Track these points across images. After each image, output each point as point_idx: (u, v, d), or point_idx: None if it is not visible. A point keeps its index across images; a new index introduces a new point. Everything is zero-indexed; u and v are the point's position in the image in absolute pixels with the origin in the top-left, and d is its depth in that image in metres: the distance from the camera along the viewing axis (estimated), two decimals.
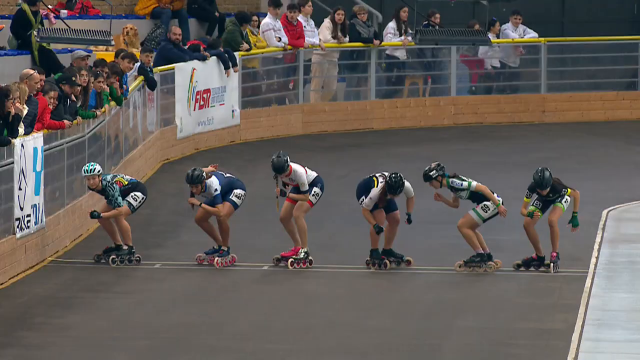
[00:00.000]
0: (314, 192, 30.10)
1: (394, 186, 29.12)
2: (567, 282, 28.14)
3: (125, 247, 29.95)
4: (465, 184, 29.27)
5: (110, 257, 29.78)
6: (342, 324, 25.01)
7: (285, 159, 29.43)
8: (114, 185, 29.52)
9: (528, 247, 29.45)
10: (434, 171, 29.37)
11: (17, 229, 28.99)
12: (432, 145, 43.13)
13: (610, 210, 35.18)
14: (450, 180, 29.35)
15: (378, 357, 22.60)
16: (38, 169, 29.76)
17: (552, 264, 29.26)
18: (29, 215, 29.38)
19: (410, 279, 29.46)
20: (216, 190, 29.65)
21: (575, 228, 29.47)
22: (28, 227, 29.24)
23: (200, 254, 30.12)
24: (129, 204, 29.77)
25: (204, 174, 29.49)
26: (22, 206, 29.13)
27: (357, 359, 22.61)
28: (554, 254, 29.38)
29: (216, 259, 29.77)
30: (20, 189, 28.87)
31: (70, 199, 31.90)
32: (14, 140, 28.29)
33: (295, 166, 29.76)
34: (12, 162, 28.49)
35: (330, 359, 22.72)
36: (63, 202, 31.45)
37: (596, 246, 31.54)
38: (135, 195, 29.87)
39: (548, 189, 28.99)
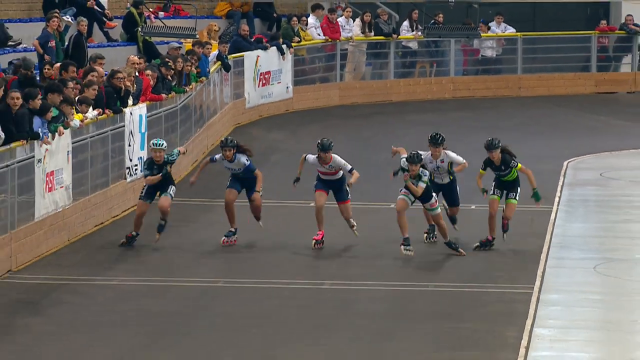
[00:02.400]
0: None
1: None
2: (537, 215, 27.99)
3: None
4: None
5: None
6: None
7: (331, 142, 25.09)
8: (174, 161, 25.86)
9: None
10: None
11: (127, 175, 29.30)
12: (437, 113, 43.42)
13: (569, 161, 35.02)
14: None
15: None
16: (142, 130, 30.27)
17: (503, 232, 25.41)
18: (135, 165, 29.64)
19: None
20: (247, 160, 25.47)
21: (538, 202, 25.94)
22: (135, 173, 29.53)
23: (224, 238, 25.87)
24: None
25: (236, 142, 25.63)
26: (131, 158, 29.44)
27: None
28: (505, 222, 25.43)
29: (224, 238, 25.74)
30: (129, 145, 29.42)
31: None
32: (125, 109, 28.92)
33: (334, 155, 25.15)
34: (124, 126, 29.11)
35: None
36: None
37: (559, 189, 31.41)
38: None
39: (497, 151, 24.74)
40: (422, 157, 24.48)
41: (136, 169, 29.53)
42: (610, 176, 33.78)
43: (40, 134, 24.12)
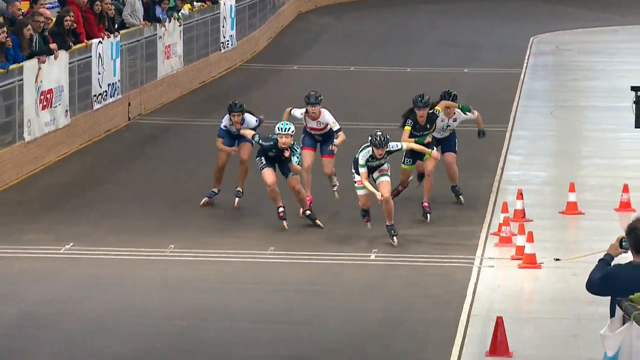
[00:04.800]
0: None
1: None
2: (511, 76, 27.91)
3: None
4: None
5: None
6: None
7: (319, 95, 15.99)
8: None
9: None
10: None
11: (222, 48, 28.97)
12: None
13: (534, 38, 34.63)
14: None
15: None
16: (232, 15, 29.46)
17: (427, 214, 15.48)
18: (228, 40, 29.27)
19: None
20: (257, 120, 16.28)
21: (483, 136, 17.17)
22: (228, 47, 29.18)
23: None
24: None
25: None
26: (224, 36, 28.92)
27: None
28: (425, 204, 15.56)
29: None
30: (223, 27, 28.49)
31: None
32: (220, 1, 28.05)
33: (323, 110, 15.99)
34: (219, 13, 28.18)
35: None
36: None
37: (526, 57, 31.12)
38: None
39: (426, 110, 15.51)
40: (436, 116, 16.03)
41: (229, 43, 29.22)
42: (563, 48, 33.36)
43: (161, 18, 24.01)
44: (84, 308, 12.25)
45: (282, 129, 14.90)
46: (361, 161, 14.44)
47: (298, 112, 16.07)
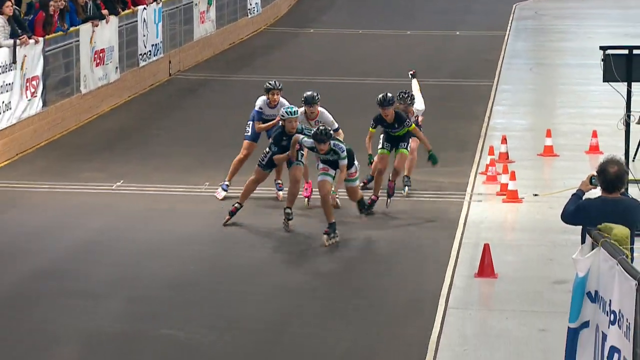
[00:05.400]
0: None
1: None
2: (494, 38, 27.64)
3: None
4: None
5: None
6: None
7: (316, 94, 13.02)
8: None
9: None
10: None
11: (249, 13, 28.73)
12: None
13: (516, 5, 34.20)
14: None
15: None
16: None
17: (388, 198, 13.11)
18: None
19: None
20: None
21: (436, 164, 13.22)
22: (256, 12, 28.85)
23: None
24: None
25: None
26: None
27: None
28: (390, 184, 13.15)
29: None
30: None
31: None
32: None
33: (321, 109, 13.08)
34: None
35: None
36: None
37: (510, 21, 30.80)
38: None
39: (390, 108, 12.80)
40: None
41: (254, 9, 28.93)
42: (541, 13, 32.90)
43: None
44: (134, 236, 12.30)
45: (290, 112, 12.09)
46: (306, 144, 12.02)
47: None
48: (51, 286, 10.56)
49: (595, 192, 7.48)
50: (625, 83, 12.17)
